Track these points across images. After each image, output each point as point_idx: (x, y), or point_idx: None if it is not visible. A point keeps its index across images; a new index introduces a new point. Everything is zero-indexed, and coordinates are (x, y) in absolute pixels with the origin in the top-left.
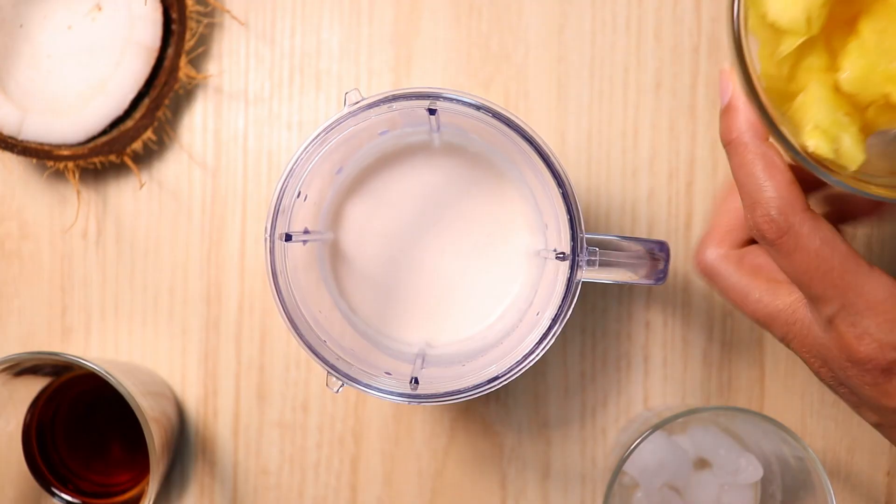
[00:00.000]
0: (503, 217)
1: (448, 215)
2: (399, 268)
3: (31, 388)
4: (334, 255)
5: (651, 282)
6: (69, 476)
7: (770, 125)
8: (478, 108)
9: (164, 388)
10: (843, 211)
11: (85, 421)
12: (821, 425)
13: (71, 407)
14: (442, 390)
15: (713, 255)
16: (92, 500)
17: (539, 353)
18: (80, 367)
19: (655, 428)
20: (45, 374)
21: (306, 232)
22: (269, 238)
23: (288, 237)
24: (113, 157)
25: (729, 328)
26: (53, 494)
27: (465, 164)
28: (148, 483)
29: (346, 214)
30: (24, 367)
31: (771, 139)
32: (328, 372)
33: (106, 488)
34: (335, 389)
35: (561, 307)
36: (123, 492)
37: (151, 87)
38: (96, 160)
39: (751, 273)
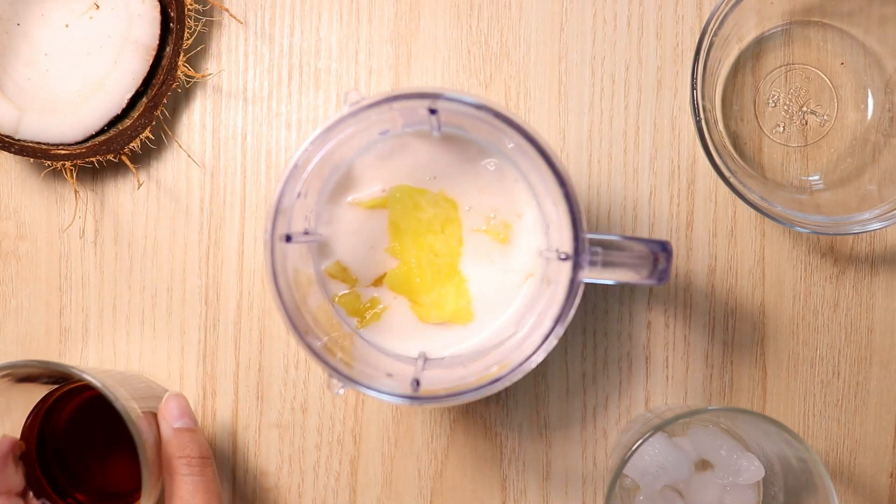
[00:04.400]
0: (504, 217)
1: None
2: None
3: (31, 396)
4: (332, 257)
5: (653, 282)
6: (67, 486)
7: None
8: (479, 107)
9: (161, 396)
10: None
11: (84, 427)
12: (823, 426)
13: (71, 415)
14: (443, 392)
15: None
16: None
17: (540, 354)
18: (76, 378)
19: (656, 429)
20: (45, 383)
21: (306, 233)
22: (269, 239)
23: (288, 238)
24: (111, 157)
25: (731, 328)
26: None
27: (466, 166)
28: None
29: (345, 215)
30: (21, 376)
31: None
32: (329, 374)
33: (105, 496)
34: (336, 391)
35: (563, 308)
36: (122, 498)
37: (149, 85)
38: (94, 159)
39: None
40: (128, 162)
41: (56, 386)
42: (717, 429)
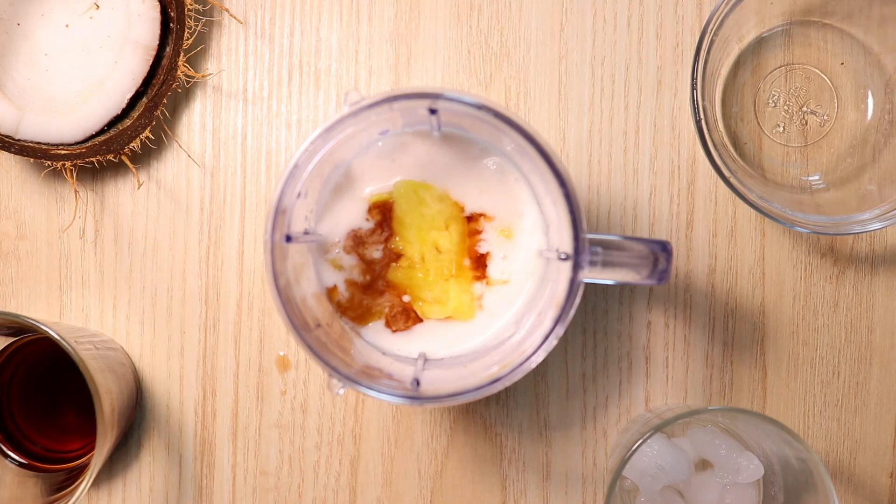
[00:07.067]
0: (505, 217)
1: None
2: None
3: None
4: (335, 254)
5: (653, 282)
6: (21, 439)
7: None
8: (479, 107)
9: (121, 358)
10: None
11: (41, 385)
12: (823, 426)
13: (28, 370)
14: (444, 392)
15: None
16: (43, 464)
17: (541, 354)
18: (36, 329)
19: (656, 429)
20: (3, 335)
21: (306, 233)
22: (269, 239)
23: (288, 238)
24: (111, 157)
25: (731, 329)
26: (6, 456)
27: (466, 165)
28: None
29: (344, 215)
30: None
31: None
32: (329, 374)
33: (58, 454)
34: (337, 392)
35: (563, 308)
36: (75, 459)
37: (149, 85)
38: (94, 159)
39: None
40: (128, 162)
41: (15, 339)
42: (717, 428)
